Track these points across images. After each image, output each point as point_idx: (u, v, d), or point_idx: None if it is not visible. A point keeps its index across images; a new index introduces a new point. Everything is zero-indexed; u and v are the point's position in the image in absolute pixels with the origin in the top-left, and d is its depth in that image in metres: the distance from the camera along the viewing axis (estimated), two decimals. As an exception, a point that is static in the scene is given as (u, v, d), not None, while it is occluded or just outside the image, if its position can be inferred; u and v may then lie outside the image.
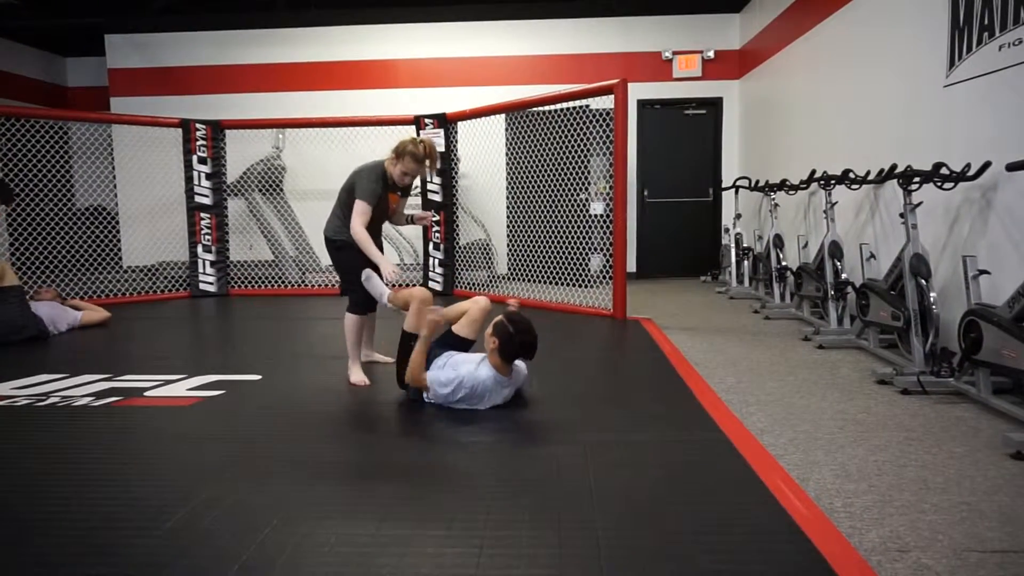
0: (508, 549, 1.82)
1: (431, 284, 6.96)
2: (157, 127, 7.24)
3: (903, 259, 3.73)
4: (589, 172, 6.95)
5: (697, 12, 8.10)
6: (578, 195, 6.70)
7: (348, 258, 3.59)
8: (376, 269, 3.51)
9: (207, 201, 7.26)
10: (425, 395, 3.15)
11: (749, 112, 7.91)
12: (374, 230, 3.65)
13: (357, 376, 3.60)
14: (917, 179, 3.65)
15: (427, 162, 3.50)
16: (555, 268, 6.51)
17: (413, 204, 6.80)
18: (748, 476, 2.28)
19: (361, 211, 3.49)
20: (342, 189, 3.64)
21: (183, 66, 8.48)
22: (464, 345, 3.27)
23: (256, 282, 7.55)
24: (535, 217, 7.02)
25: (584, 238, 6.31)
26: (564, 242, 6.44)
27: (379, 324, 4.07)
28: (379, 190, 3.52)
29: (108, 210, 7.86)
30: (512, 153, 7.54)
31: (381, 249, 3.68)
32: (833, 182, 4.80)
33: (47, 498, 2.21)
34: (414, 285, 3.75)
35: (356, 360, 3.66)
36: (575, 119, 6.28)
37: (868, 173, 4.45)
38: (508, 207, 7.72)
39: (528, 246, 6.97)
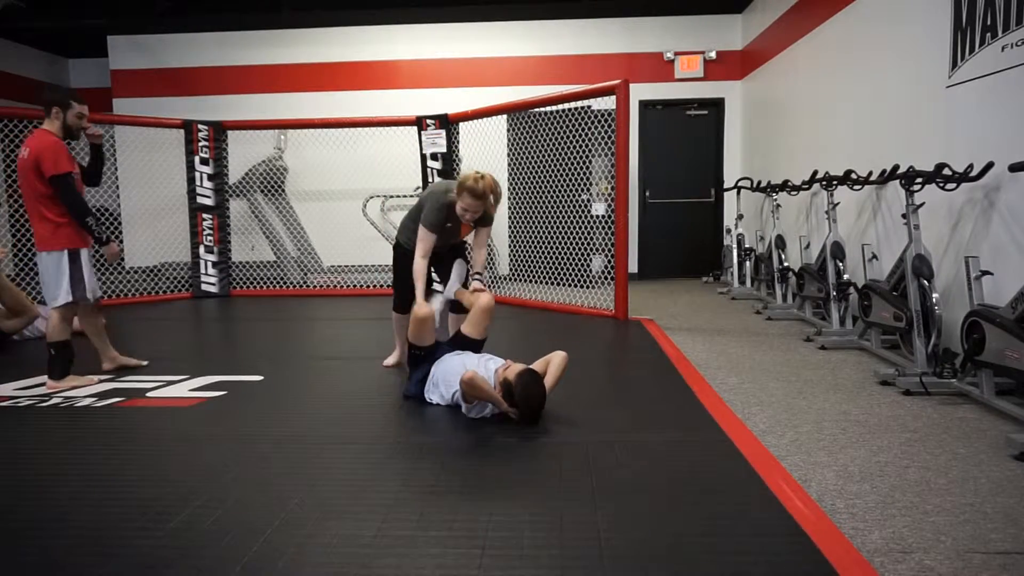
0: (510, 550, 1.82)
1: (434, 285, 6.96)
2: (159, 128, 7.25)
3: (905, 260, 3.72)
4: (591, 173, 6.95)
5: (699, 13, 8.09)
6: (580, 196, 6.70)
7: (403, 265, 3.65)
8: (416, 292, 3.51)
9: (209, 202, 7.28)
10: (428, 397, 3.16)
11: (751, 113, 7.90)
12: (446, 249, 3.69)
13: (388, 360, 4.00)
14: (919, 180, 3.65)
15: (490, 198, 3.40)
16: (557, 268, 6.51)
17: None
18: (750, 477, 2.28)
19: (423, 238, 3.46)
20: (419, 201, 3.63)
21: (185, 67, 8.50)
22: (475, 346, 3.28)
23: (258, 283, 7.56)
24: (537, 218, 7.02)
25: (586, 239, 6.31)
26: (566, 243, 6.44)
27: (377, 328, 4.05)
28: (442, 219, 3.46)
29: (110, 211, 7.87)
30: (514, 154, 7.54)
31: (449, 266, 3.72)
32: (835, 183, 4.80)
33: (49, 498, 2.22)
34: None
35: (396, 347, 3.97)
36: (577, 120, 6.28)
37: (870, 174, 4.45)
38: (510, 208, 7.72)
39: (530, 247, 6.97)
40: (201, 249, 7.29)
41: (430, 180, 6.94)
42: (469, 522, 1.97)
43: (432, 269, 3.77)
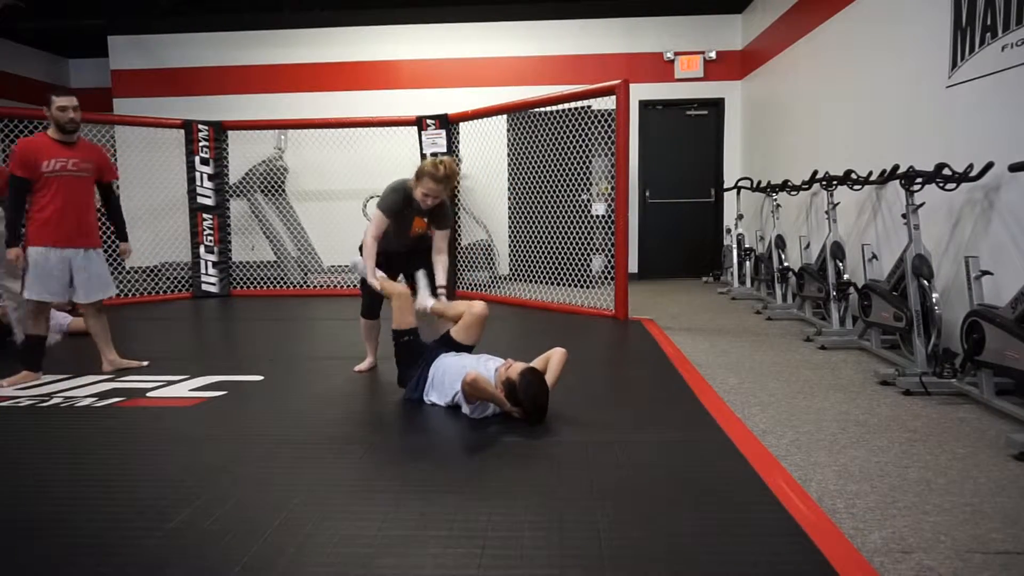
0: (510, 550, 1.82)
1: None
2: (160, 128, 7.25)
3: (905, 260, 3.72)
4: (591, 173, 6.95)
5: (699, 13, 8.10)
6: (580, 196, 6.70)
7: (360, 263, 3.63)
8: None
9: (209, 202, 7.28)
10: (425, 397, 3.15)
11: (751, 113, 7.90)
12: (399, 249, 3.62)
13: (359, 365, 3.89)
14: (919, 180, 3.65)
15: (447, 182, 3.42)
16: (557, 269, 6.51)
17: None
18: (750, 477, 2.28)
19: (374, 220, 3.48)
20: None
21: (185, 67, 8.50)
22: (466, 351, 3.27)
23: (258, 283, 7.56)
24: (537, 218, 7.02)
25: (586, 239, 6.32)
26: (566, 243, 6.44)
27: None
28: (397, 204, 3.47)
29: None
30: (514, 154, 7.54)
31: (408, 268, 3.72)
32: (835, 183, 4.80)
33: (50, 499, 2.22)
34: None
35: (368, 354, 3.91)
36: (577, 120, 6.28)
37: (870, 174, 4.45)
38: (510, 208, 7.72)
39: (530, 247, 6.97)
40: (201, 249, 7.28)
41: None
42: (469, 522, 1.97)
43: (401, 275, 3.78)
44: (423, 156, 6.98)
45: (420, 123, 6.93)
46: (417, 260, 3.68)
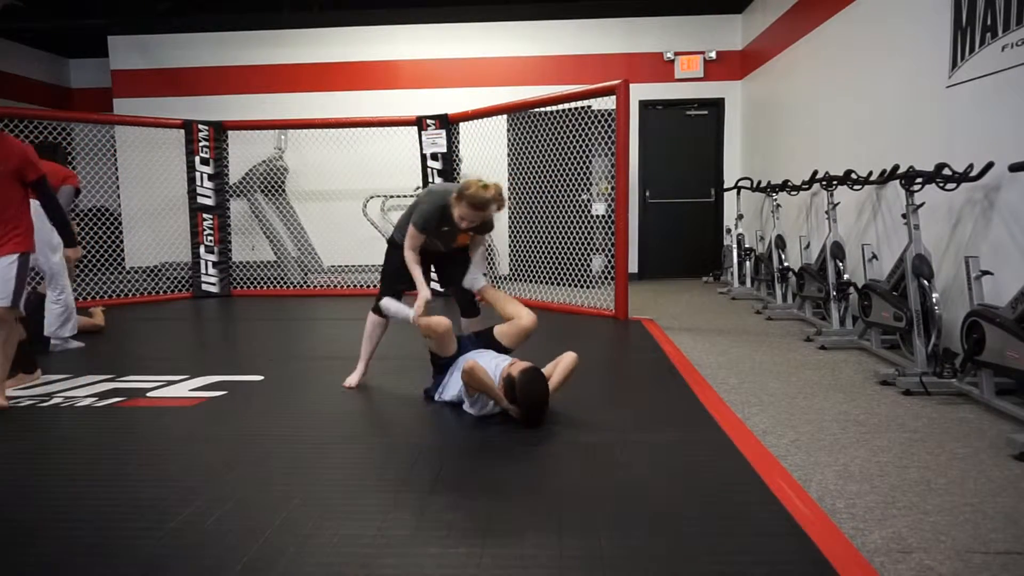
0: (509, 549, 1.82)
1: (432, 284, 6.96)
2: (160, 128, 7.25)
3: (905, 260, 3.72)
4: (591, 173, 6.95)
5: (699, 13, 8.10)
6: (580, 196, 6.70)
7: (394, 260, 3.44)
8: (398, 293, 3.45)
9: (209, 202, 7.28)
10: (436, 395, 3.15)
11: (751, 113, 7.90)
12: (437, 250, 3.48)
13: (349, 379, 3.57)
14: (919, 180, 3.65)
15: (492, 208, 3.20)
16: (557, 269, 6.51)
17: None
18: (750, 477, 2.28)
19: (411, 235, 3.28)
20: (416, 200, 3.47)
21: (186, 67, 8.50)
22: (503, 352, 3.24)
23: (258, 283, 7.56)
24: (537, 218, 7.02)
25: (586, 239, 6.32)
26: (566, 243, 6.44)
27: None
28: (433, 222, 3.27)
29: (111, 211, 7.87)
30: (514, 154, 7.54)
31: (445, 271, 3.60)
32: (835, 183, 4.80)
33: (50, 499, 2.22)
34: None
35: (360, 361, 3.60)
36: (577, 120, 6.28)
37: (870, 174, 4.45)
38: (510, 207, 7.71)
39: (530, 247, 6.97)
40: (201, 249, 7.29)
41: (430, 180, 6.95)
42: (469, 522, 1.97)
43: (433, 268, 3.65)
44: (423, 156, 6.99)
45: (420, 123, 6.93)
46: (457, 263, 3.52)
